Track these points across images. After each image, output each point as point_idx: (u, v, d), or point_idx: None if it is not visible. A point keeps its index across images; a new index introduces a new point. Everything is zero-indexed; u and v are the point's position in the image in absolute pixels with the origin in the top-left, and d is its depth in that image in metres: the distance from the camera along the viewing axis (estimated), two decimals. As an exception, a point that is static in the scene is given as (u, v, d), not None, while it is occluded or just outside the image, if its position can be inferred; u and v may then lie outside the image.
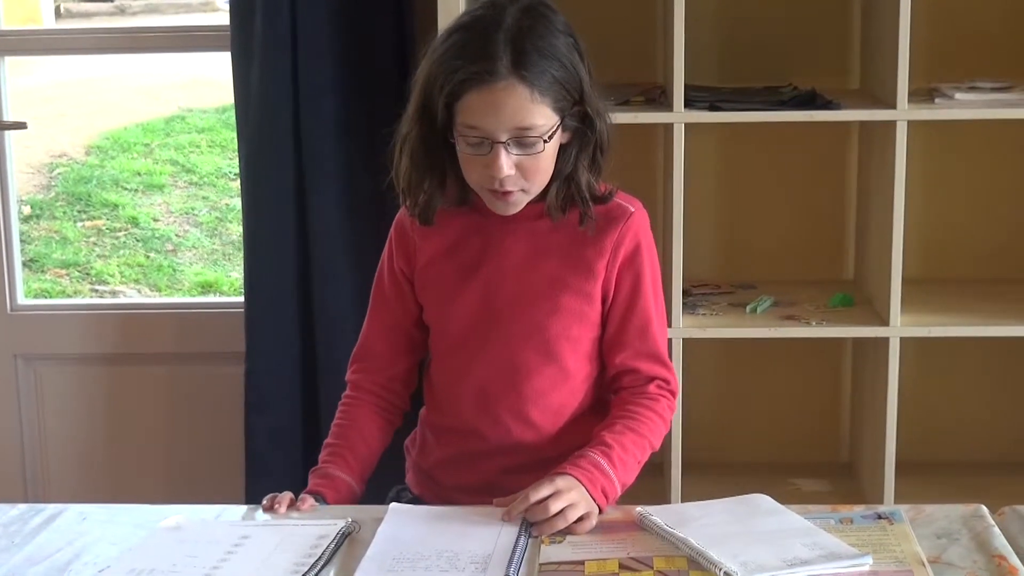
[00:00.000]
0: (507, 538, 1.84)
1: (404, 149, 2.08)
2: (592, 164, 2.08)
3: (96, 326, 3.59)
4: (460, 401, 2.18)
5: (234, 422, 3.38)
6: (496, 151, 1.97)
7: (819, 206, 3.38)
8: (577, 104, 2.02)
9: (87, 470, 3.64)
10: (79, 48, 3.88)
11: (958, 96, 2.97)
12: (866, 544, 1.79)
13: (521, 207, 2.07)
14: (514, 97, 1.94)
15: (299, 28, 3.15)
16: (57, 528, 1.95)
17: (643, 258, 2.14)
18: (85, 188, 6.58)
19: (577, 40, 2.05)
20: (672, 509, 1.94)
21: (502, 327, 2.12)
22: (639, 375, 2.16)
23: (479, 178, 2.03)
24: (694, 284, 3.28)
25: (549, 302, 2.11)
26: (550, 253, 2.12)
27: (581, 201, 2.08)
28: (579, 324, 2.13)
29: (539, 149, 1.98)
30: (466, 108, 1.97)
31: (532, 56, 1.95)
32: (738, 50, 3.29)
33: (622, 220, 2.13)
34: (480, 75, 1.94)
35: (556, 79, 1.97)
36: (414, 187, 2.10)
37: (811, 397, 3.48)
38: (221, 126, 6.92)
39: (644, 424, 2.11)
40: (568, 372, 2.15)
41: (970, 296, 3.20)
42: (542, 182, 2.05)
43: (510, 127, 1.96)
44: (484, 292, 2.13)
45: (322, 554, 1.80)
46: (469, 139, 1.99)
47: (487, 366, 2.14)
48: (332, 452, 2.18)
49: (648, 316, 2.15)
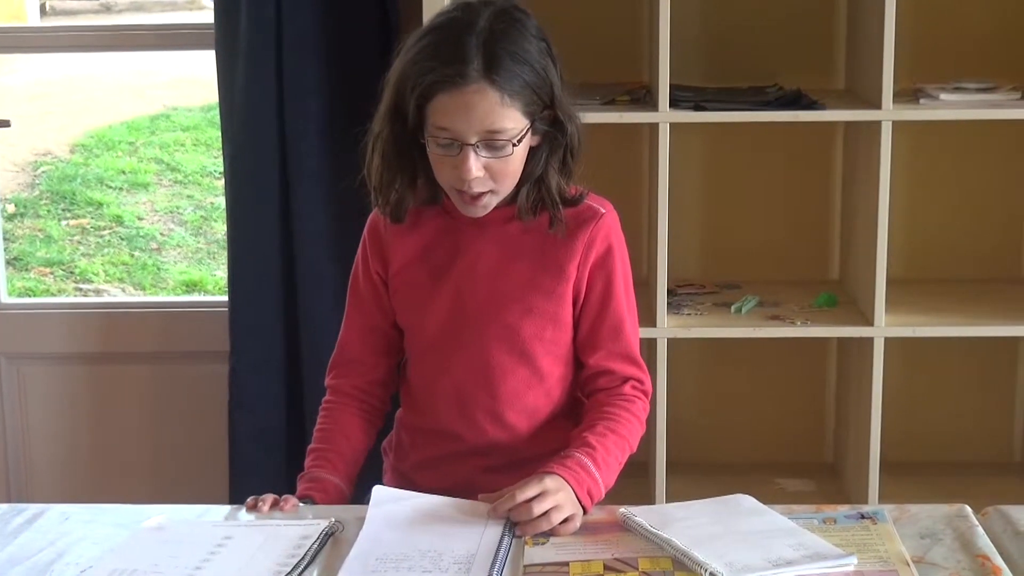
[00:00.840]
0: (491, 538, 1.84)
1: (376, 147, 2.09)
2: (562, 167, 2.09)
3: (80, 325, 3.58)
4: (436, 403, 2.19)
5: (218, 421, 3.37)
6: (465, 153, 1.98)
7: (804, 206, 3.38)
8: (548, 108, 2.03)
9: (70, 469, 3.62)
10: (63, 46, 3.86)
11: (943, 96, 2.97)
12: (850, 544, 1.79)
13: (490, 209, 2.08)
14: (484, 100, 1.95)
15: (284, 27, 3.14)
16: (39, 528, 1.94)
17: (615, 259, 2.15)
18: (69, 186, 6.56)
19: (550, 44, 2.05)
20: (655, 510, 1.94)
21: (475, 329, 2.13)
22: (614, 376, 2.17)
23: (448, 178, 2.03)
24: (679, 284, 3.28)
25: (521, 304, 2.12)
26: (522, 255, 2.13)
27: (551, 204, 2.09)
28: (552, 326, 2.14)
29: (508, 152, 1.99)
30: (437, 109, 1.98)
31: (504, 60, 1.95)
32: (723, 50, 3.29)
33: (593, 221, 2.13)
34: (451, 77, 1.95)
35: (527, 83, 1.98)
36: (386, 185, 2.10)
37: (796, 397, 3.49)
38: (206, 124, 6.91)
39: (623, 425, 2.11)
40: (542, 373, 2.16)
41: (954, 296, 3.21)
42: (511, 184, 2.06)
43: (479, 130, 1.97)
44: (457, 295, 2.13)
45: (305, 554, 1.80)
46: (439, 140, 1.99)
47: (462, 368, 2.14)
48: (317, 456, 2.17)
49: (621, 317, 2.16)
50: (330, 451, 2.17)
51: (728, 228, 3.40)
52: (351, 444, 2.20)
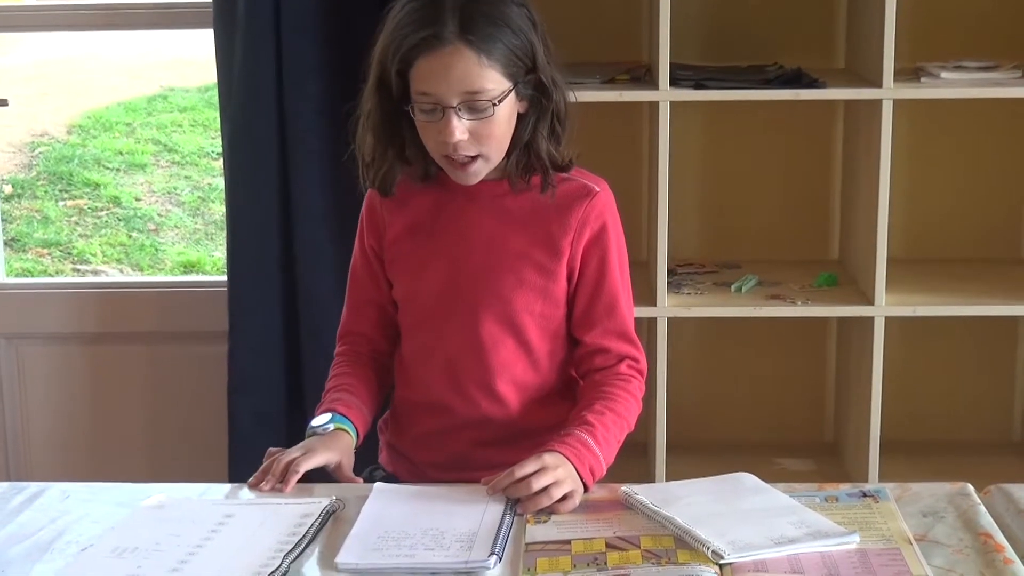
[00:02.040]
0: (492, 516, 1.83)
1: (367, 124, 2.11)
2: (551, 133, 2.10)
3: (78, 305, 3.57)
4: (429, 375, 2.20)
5: (217, 402, 3.37)
6: (448, 116, 1.99)
7: (804, 185, 3.38)
8: (531, 72, 2.04)
9: (69, 450, 3.62)
10: (59, 24, 3.85)
11: (944, 75, 2.97)
12: (852, 522, 1.79)
13: (481, 176, 2.09)
14: (462, 61, 1.97)
15: (283, 6, 3.13)
16: (40, 507, 1.94)
17: (609, 237, 2.16)
18: (67, 167, 6.55)
19: (531, 11, 2.07)
20: (657, 488, 1.93)
21: (467, 300, 2.14)
22: (609, 354, 2.17)
23: (435, 145, 2.05)
24: (679, 263, 3.28)
25: (513, 276, 2.13)
26: (515, 229, 2.13)
27: (541, 168, 2.10)
28: (543, 300, 2.15)
29: (490, 113, 2.00)
30: (417, 75, 2.00)
31: (479, 21, 1.97)
32: (724, 28, 3.28)
33: (588, 199, 2.14)
34: (428, 40, 1.97)
35: (505, 45, 2.00)
36: (377, 159, 2.13)
37: (796, 376, 3.49)
38: (204, 105, 6.89)
39: (620, 404, 2.12)
40: (530, 346, 2.16)
41: (955, 276, 3.21)
42: (499, 149, 2.07)
43: (459, 91, 1.98)
44: (450, 266, 2.15)
45: (306, 532, 1.79)
46: (423, 106, 2.01)
47: (453, 339, 2.16)
48: (336, 389, 2.19)
49: (615, 294, 2.17)
50: (346, 385, 2.19)
51: (728, 207, 3.40)
52: (364, 385, 2.22)
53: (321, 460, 2.03)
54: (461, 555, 1.72)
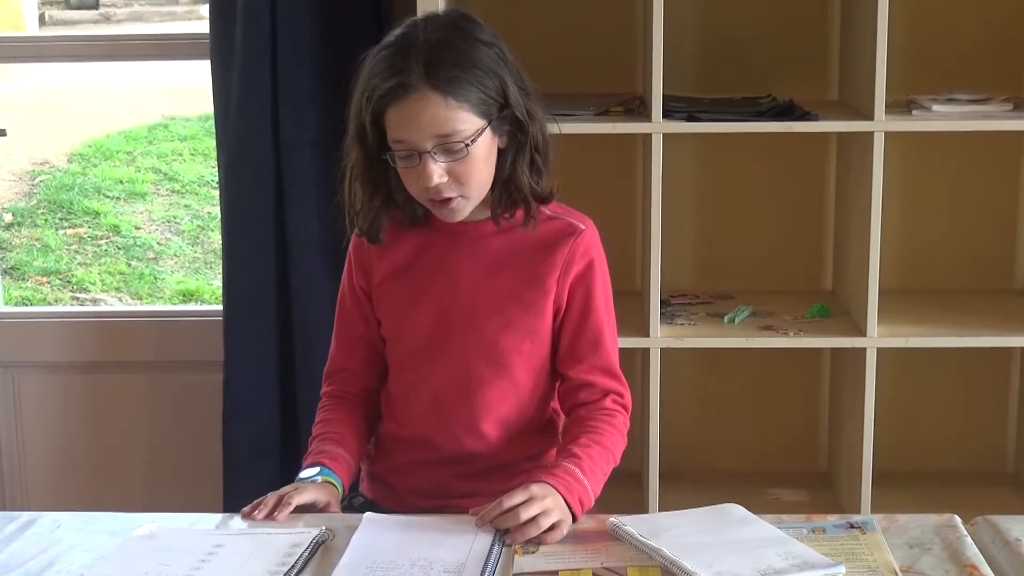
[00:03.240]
0: (481, 547, 1.84)
1: (352, 173, 2.14)
2: (531, 166, 2.11)
3: (75, 334, 3.58)
4: (415, 412, 2.21)
5: (213, 430, 3.37)
6: (424, 161, 2.01)
7: (797, 217, 3.39)
8: (505, 108, 2.05)
9: (66, 478, 3.63)
10: (60, 55, 3.87)
11: (935, 108, 2.98)
12: (839, 553, 1.80)
13: (465, 213, 2.10)
14: (430, 106, 1.98)
15: (279, 36, 3.14)
16: (31, 536, 1.94)
17: (595, 274, 2.18)
18: (67, 196, 6.58)
19: (502, 49, 2.08)
20: (645, 519, 1.94)
21: (455, 341, 2.16)
22: (595, 389, 2.19)
23: (417, 190, 2.06)
24: (672, 294, 3.29)
25: (501, 317, 2.15)
26: (502, 269, 2.15)
27: (523, 202, 2.12)
28: (531, 339, 2.17)
29: (464, 154, 2.02)
30: (390, 124, 2.02)
31: (444, 65, 1.99)
32: (717, 61, 3.30)
33: (573, 236, 2.17)
34: (394, 89, 1.99)
35: (474, 85, 2.01)
36: (363, 208, 2.15)
37: (789, 407, 3.49)
38: (204, 134, 6.92)
39: (607, 437, 2.13)
40: (519, 385, 2.18)
41: (947, 307, 3.21)
42: (479, 187, 2.08)
43: (431, 135, 2.00)
44: (438, 307, 2.16)
45: (295, 562, 1.80)
46: (399, 153, 2.03)
47: (441, 378, 2.17)
48: (322, 438, 2.20)
49: (600, 330, 2.19)
50: (333, 433, 2.20)
51: (721, 238, 3.41)
52: (351, 431, 2.23)
53: (311, 497, 2.04)
54: (449, 585, 1.73)
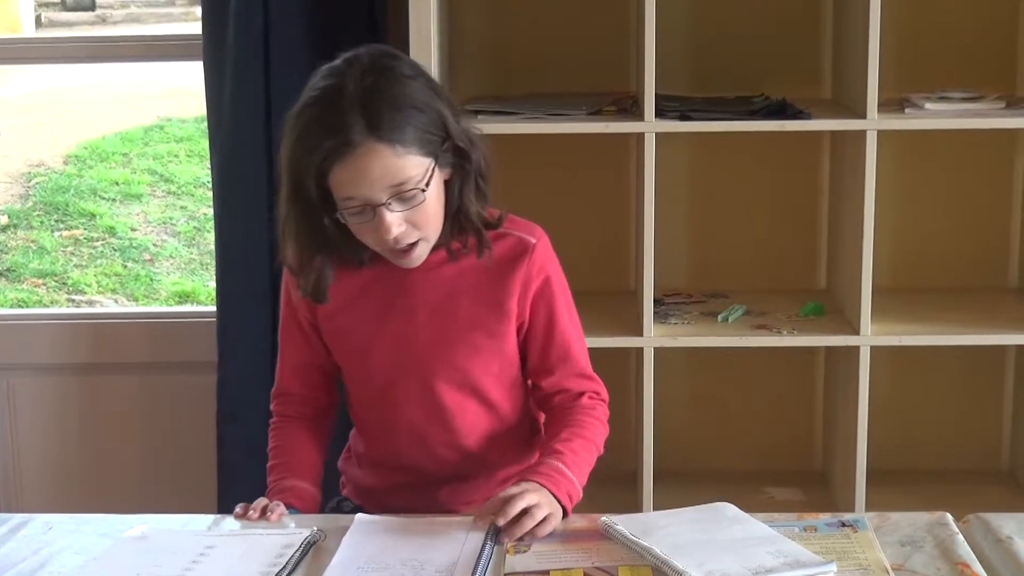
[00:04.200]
0: (472, 547, 1.84)
1: (287, 232, 2.06)
2: (478, 192, 2.07)
3: (69, 336, 3.58)
4: (396, 442, 2.20)
5: (207, 432, 3.37)
6: (380, 214, 1.95)
7: (791, 215, 3.39)
8: (446, 140, 2.00)
9: (60, 480, 3.63)
10: (55, 57, 3.87)
11: (928, 106, 2.98)
12: (830, 552, 1.80)
13: (425, 257, 2.06)
14: (378, 158, 1.92)
15: (272, 38, 3.15)
16: (23, 538, 1.95)
17: (553, 287, 2.16)
18: (63, 197, 6.57)
19: (429, 78, 2.04)
20: (636, 518, 1.94)
21: (423, 374, 2.14)
22: (570, 392, 2.19)
23: (375, 242, 2.01)
24: (666, 293, 3.29)
25: (467, 345, 2.13)
26: (459, 297, 2.12)
27: (475, 233, 2.08)
28: (499, 359, 2.16)
29: (421, 200, 1.96)
30: (337, 183, 1.95)
31: (384, 112, 1.92)
32: (710, 60, 3.30)
33: (527, 255, 2.13)
34: (338, 148, 1.91)
35: (416, 126, 1.95)
36: (304, 268, 2.09)
37: (783, 406, 3.49)
38: (200, 135, 6.91)
39: (587, 429, 2.14)
40: (494, 404, 2.18)
41: (940, 305, 3.21)
42: (437, 227, 2.04)
43: (384, 187, 1.94)
44: (399, 343, 2.13)
45: (287, 563, 1.80)
46: (351, 209, 1.97)
47: (415, 411, 2.16)
48: (280, 469, 2.20)
49: (567, 341, 2.18)
50: (290, 462, 2.20)
51: (715, 237, 3.41)
52: (307, 452, 2.23)
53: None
54: (440, 585, 1.73)
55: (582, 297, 3.23)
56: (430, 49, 2.83)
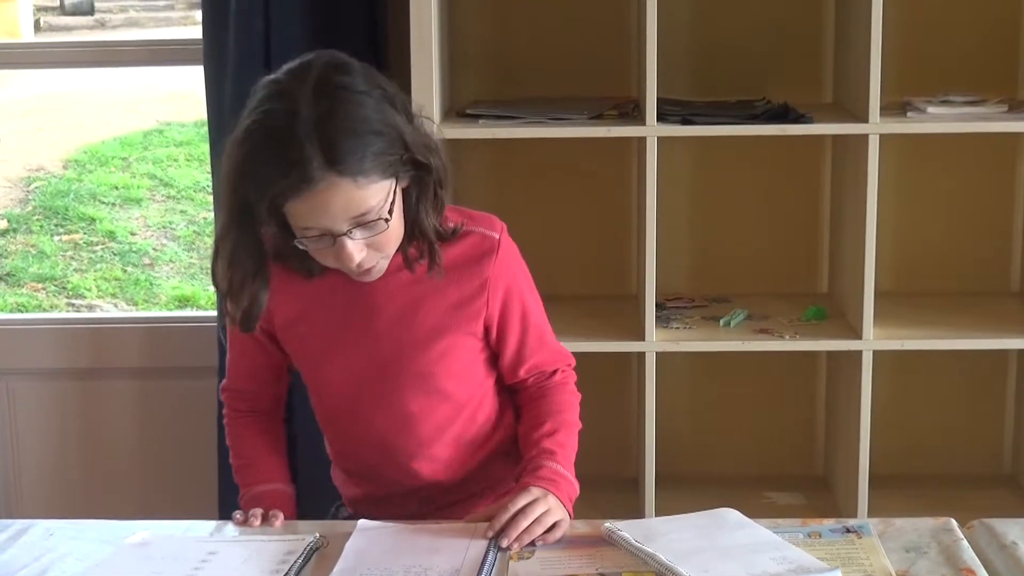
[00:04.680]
0: (476, 553, 1.84)
1: (220, 251, 1.96)
2: (435, 203, 1.98)
3: (69, 340, 3.58)
4: (362, 452, 2.16)
5: (207, 436, 3.36)
6: (341, 243, 1.87)
7: (793, 219, 3.38)
8: (406, 153, 1.90)
9: (60, 485, 3.62)
10: (54, 61, 3.87)
11: (930, 110, 2.98)
12: (835, 558, 1.79)
13: (383, 271, 1.98)
14: (339, 193, 1.82)
15: (272, 42, 3.14)
16: (24, 544, 1.94)
17: (519, 282, 2.11)
18: (62, 202, 6.56)
19: (383, 86, 1.90)
20: (640, 524, 1.93)
21: (388, 382, 2.07)
22: (544, 372, 2.18)
23: (335, 264, 1.93)
24: (668, 297, 3.28)
25: (433, 350, 2.06)
26: (422, 302, 2.05)
27: (428, 248, 1.99)
28: (465, 358, 2.11)
29: (383, 228, 1.89)
30: (294, 214, 1.86)
31: (342, 144, 1.80)
32: (711, 64, 3.29)
33: (492, 252, 2.06)
34: (296, 185, 1.80)
35: (375, 152, 1.84)
36: (235, 291, 1.98)
37: (785, 410, 3.48)
38: (199, 140, 6.91)
39: (567, 411, 2.14)
40: (462, 404, 2.13)
41: (943, 309, 3.21)
42: (397, 243, 1.96)
43: (345, 219, 1.85)
44: (362, 354, 2.06)
45: (289, 569, 1.80)
46: (309, 237, 1.88)
47: (380, 420, 2.10)
48: (246, 473, 2.18)
49: (541, 329, 2.16)
50: (254, 462, 2.18)
51: (717, 241, 3.40)
52: (268, 448, 2.20)
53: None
54: (443, 592, 1.73)
55: (583, 301, 3.26)
56: (431, 53, 2.83)
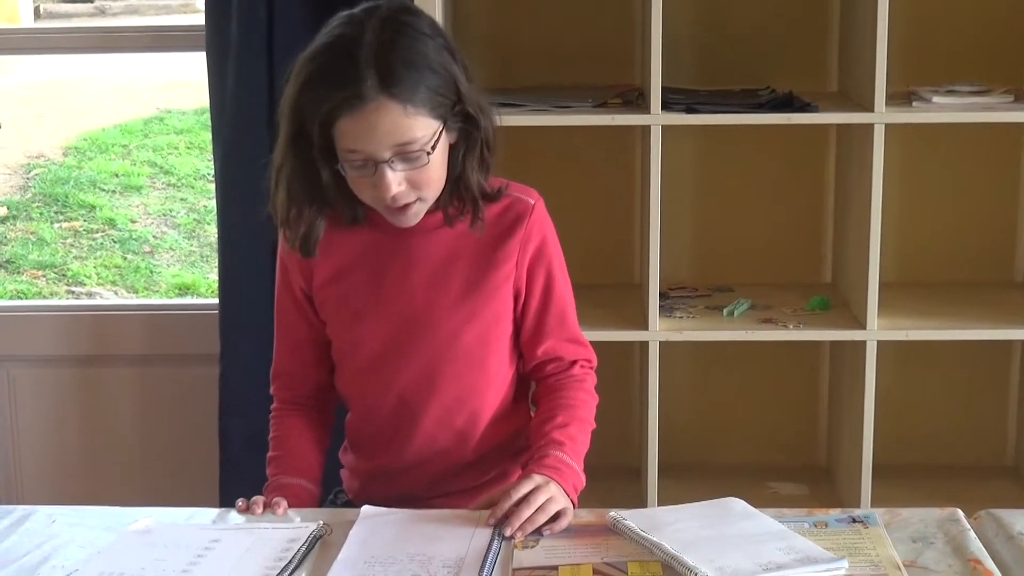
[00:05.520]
0: (480, 542, 1.83)
1: (279, 180, 2.03)
2: (481, 163, 2.04)
3: (69, 327, 3.57)
4: (381, 415, 2.16)
5: (208, 424, 3.36)
6: (381, 171, 1.92)
7: (797, 209, 3.37)
8: (458, 104, 1.97)
9: (60, 472, 3.61)
10: (54, 47, 3.85)
11: (936, 99, 2.97)
12: (841, 548, 1.78)
13: (421, 216, 2.03)
14: (388, 116, 1.89)
15: (275, 29, 3.13)
16: (26, 531, 1.93)
17: (550, 249, 2.14)
18: (62, 189, 6.55)
19: (447, 39, 2.00)
20: (645, 513, 1.92)
21: (418, 341, 2.09)
22: (563, 361, 2.17)
23: (371, 198, 1.98)
24: (671, 287, 3.27)
25: (463, 309, 2.09)
26: (458, 261, 2.09)
27: (472, 203, 2.05)
28: (495, 325, 2.12)
29: (424, 162, 1.94)
30: (342, 134, 1.92)
31: (399, 70, 1.88)
32: (716, 52, 3.28)
33: (526, 216, 2.11)
34: (349, 100, 1.88)
35: (428, 87, 1.91)
36: (293, 219, 2.06)
37: (789, 400, 3.48)
38: (200, 127, 6.90)
39: (581, 408, 2.13)
40: (489, 375, 2.14)
41: (947, 299, 3.20)
42: (436, 190, 2.01)
43: (389, 145, 1.91)
44: (394, 309, 2.09)
45: (293, 557, 1.79)
46: (352, 162, 1.94)
47: (406, 380, 2.11)
48: (277, 463, 2.19)
49: (564, 303, 2.16)
50: (288, 456, 2.18)
51: (721, 231, 3.39)
52: (306, 444, 2.21)
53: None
54: (448, 580, 1.71)
55: (587, 290, 3.23)
56: (435, 40, 2.81)
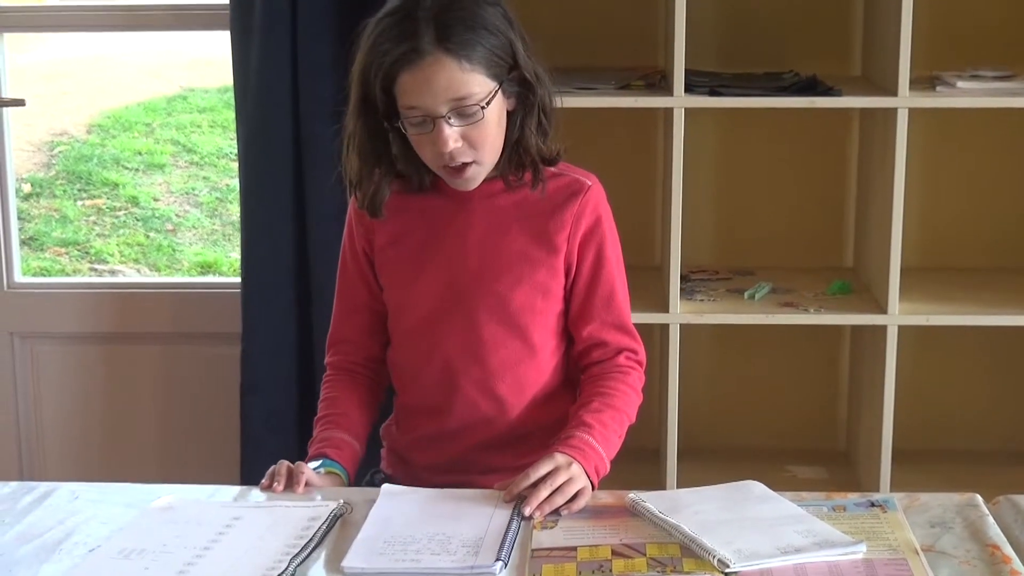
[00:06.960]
0: (499, 522, 1.84)
1: (351, 145, 2.12)
2: (539, 128, 2.11)
3: (93, 305, 3.58)
4: (427, 381, 2.20)
5: (230, 403, 3.37)
6: (439, 126, 2.00)
7: (819, 193, 3.37)
8: (514, 69, 2.05)
9: (82, 449, 3.63)
10: (78, 25, 3.87)
11: (960, 84, 2.96)
12: (859, 532, 1.79)
13: (479, 180, 2.10)
14: (444, 70, 1.97)
15: (299, 8, 3.13)
16: (48, 507, 1.94)
17: (604, 230, 2.18)
18: (85, 167, 6.57)
19: (506, 9, 2.08)
20: (664, 495, 1.93)
21: (466, 303, 2.15)
22: (608, 347, 2.19)
23: (431, 156, 2.05)
24: (692, 270, 3.27)
25: (512, 275, 2.14)
26: (511, 228, 2.15)
27: (531, 164, 2.12)
28: (543, 297, 2.16)
29: (479, 117, 2.01)
30: (402, 90, 2.01)
31: (455, 27, 1.98)
32: (739, 35, 3.28)
33: (581, 193, 2.16)
34: (407, 55, 1.98)
35: (484, 46, 2.00)
36: (364, 180, 2.14)
37: (809, 384, 3.48)
38: (223, 106, 6.90)
39: (619, 398, 2.14)
40: (533, 346, 2.17)
41: (969, 285, 3.19)
42: (493, 152, 2.08)
43: (445, 99, 1.99)
44: (446, 271, 2.15)
45: (313, 535, 1.80)
46: (412, 119, 2.02)
47: (452, 342, 2.16)
48: (326, 421, 2.20)
49: (612, 286, 2.18)
50: (337, 414, 2.20)
51: (742, 214, 3.39)
52: (356, 408, 2.23)
53: (316, 480, 2.05)
54: (467, 560, 1.72)
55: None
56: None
